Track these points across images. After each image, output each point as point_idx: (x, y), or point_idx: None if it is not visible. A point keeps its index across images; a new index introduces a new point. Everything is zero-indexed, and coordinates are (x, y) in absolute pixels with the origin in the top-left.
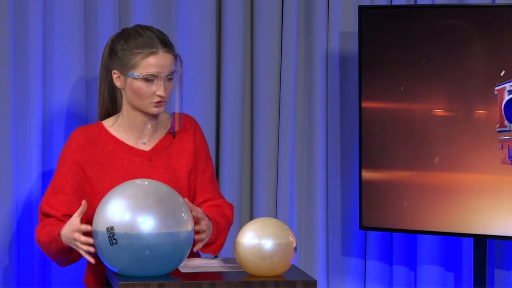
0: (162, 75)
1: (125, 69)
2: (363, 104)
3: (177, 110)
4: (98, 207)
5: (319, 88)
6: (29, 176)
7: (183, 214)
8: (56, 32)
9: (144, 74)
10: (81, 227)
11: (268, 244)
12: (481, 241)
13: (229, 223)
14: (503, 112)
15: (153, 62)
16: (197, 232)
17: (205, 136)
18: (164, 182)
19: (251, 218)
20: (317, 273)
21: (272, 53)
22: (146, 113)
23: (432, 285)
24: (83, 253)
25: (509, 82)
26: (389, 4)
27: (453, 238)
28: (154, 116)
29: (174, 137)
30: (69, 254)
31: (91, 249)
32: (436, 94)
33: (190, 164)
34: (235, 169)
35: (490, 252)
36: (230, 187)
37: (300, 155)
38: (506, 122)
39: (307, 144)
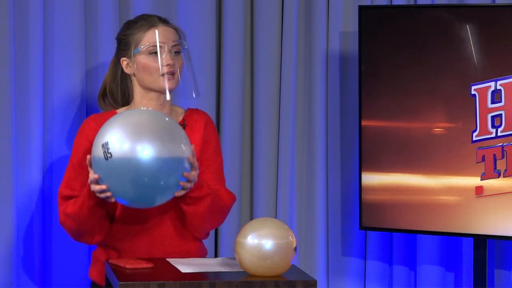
0: (166, 46)
1: (130, 50)
2: (363, 104)
3: (193, 85)
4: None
5: (319, 88)
6: (29, 176)
7: (180, 138)
8: (56, 32)
9: (148, 45)
10: (93, 177)
11: (268, 244)
12: (481, 241)
13: (223, 205)
14: None
15: (154, 33)
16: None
17: (217, 131)
18: None
19: (251, 218)
20: (317, 273)
21: (272, 53)
22: (159, 94)
23: (432, 285)
24: (102, 195)
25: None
26: (389, 4)
27: (453, 238)
28: (167, 102)
29: (184, 127)
30: (102, 208)
31: (108, 194)
32: (437, 93)
33: (197, 155)
34: (235, 169)
35: (490, 252)
36: (230, 187)
37: (300, 155)
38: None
39: (307, 144)
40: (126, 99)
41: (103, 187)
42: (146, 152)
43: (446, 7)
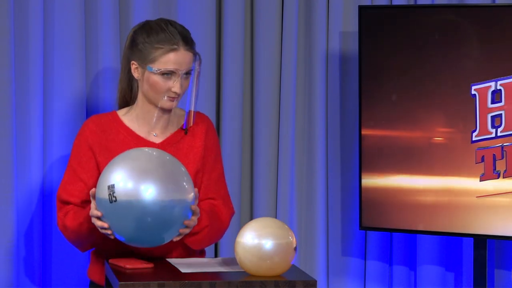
0: (180, 72)
1: (144, 62)
2: (363, 104)
3: (191, 108)
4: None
5: (319, 88)
6: (29, 176)
7: (184, 183)
8: (56, 32)
9: (162, 69)
10: (96, 213)
11: (268, 244)
12: (481, 241)
13: (221, 227)
14: None
15: (173, 58)
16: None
17: (217, 136)
18: None
19: (251, 218)
20: (317, 273)
21: (272, 53)
22: (158, 108)
23: (432, 285)
24: (103, 231)
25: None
26: (389, 4)
27: (453, 238)
28: (167, 111)
29: (186, 133)
30: (99, 233)
31: (108, 231)
32: (436, 93)
33: (198, 162)
34: (235, 169)
35: (490, 252)
36: (230, 187)
37: (300, 155)
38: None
39: (307, 144)
40: (130, 98)
41: (105, 225)
42: (150, 197)
43: (446, 7)
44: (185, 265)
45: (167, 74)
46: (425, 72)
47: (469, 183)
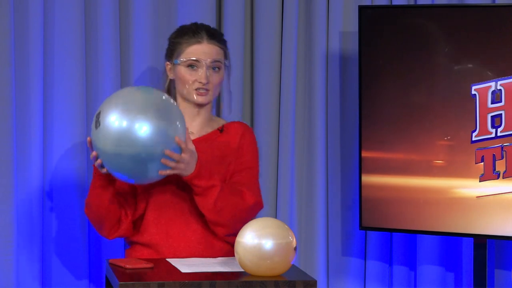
0: (204, 62)
1: (173, 58)
2: (363, 104)
3: (225, 104)
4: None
5: (319, 88)
6: (29, 176)
7: (178, 123)
8: (56, 32)
9: (186, 59)
10: (88, 139)
11: (268, 244)
12: (481, 241)
13: (239, 202)
14: None
15: (196, 49)
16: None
17: (256, 143)
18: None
19: None
20: (317, 273)
21: (272, 53)
22: (194, 105)
23: (432, 285)
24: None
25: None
26: (389, 4)
27: (453, 238)
28: (203, 110)
29: (221, 131)
30: (108, 191)
31: (99, 161)
32: (436, 93)
33: (232, 157)
34: None
35: (490, 252)
36: None
37: (300, 155)
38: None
39: (307, 144)
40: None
41: (94, 153)
42: (130, 121)
43: (446, 7)
44: (185, 265)
45: (192, 66)
46: (425, 72)
47: (469, 183)
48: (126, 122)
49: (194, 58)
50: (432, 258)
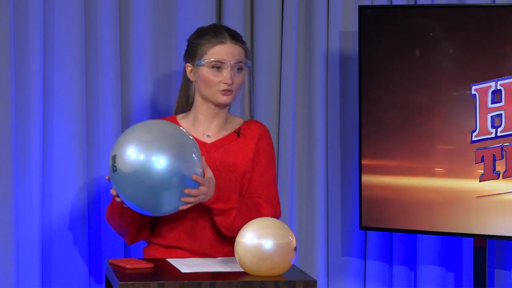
0: (229, 63)
1: (195, 59)
2: (363, 104)
3: (247, 104)
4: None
5: (319, 88)
6: (29, 176)
7: (194, 155)
8: (56, 32)
9: (211, 60)
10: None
11: (268, 244)
12: (481, 241)
13: (257, 217)
14: None
15: (220, 50)
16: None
17: (273, 145)
18: (217, 175)
19: None
20: (317, 273)
21: (272, 53)
22: (215, 105)
23: (432, 285)
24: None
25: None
26: (389, 4)
27: (453, 238)
28: (222, 111)
29: (238, 135)
30: (128, 213)
31: (118, 199)
32: (436, 93)
33: (247, 164)
34: None
35: (490, 252)
36: None
37: (300, 155)
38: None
39: (307, 144)
40: (187, 105)
41: (114, 192)
42: (147, 165)
43: (446, 7)
44: (185, 265)
45: (217, 67)
46: (425, 72)
47: (469, 183)
48: (143, 166)
49: (219, 59)
50: (432, 258)
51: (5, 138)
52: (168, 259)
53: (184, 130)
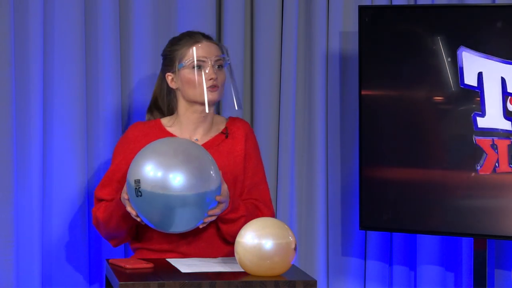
0: (209, 60)
1: (175, 65)
2: (363, 104)
3: (234, 97)
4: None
5: (319, 88)
6: (29, 176)
7: (212, 172)
8: (56, 32)
9: (192, 59)
10: (123, 195)
11: (268, 244)
12: (481, 241)
13: None
14: None
15: (198, 49)
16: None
17: (257, 140)
18: None
19: None
20: (317, 273)
21: (272, 53)
22: (203, 108)
23: (432, 285)
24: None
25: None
26: (389, 4)
27: (453, 238)
28: (209, 113)
29: (226, 137)
30: (130, 220)
31: (138, 219)
32: (437, 92)
33: (239, 165)
34: None
35: (490, 252)
36: None
37: (300, 155)
38: None
39: (307, 144)
40: (171, 110)
41: (133, 212)
42: (175, 192)
43: (446, 7)
44: (185, 265)
45: (199, 66)
46: (425, 72)
47: (469, 183)
48: (171, 192)
49: (199, 58)
50: (432, 258)
51: (5, 138)
52: (168, 259)
53: (201, 147)
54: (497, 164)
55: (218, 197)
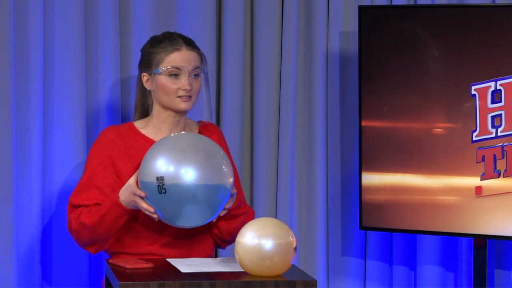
0: (186, 69)
1: (151, 68)
2: (363, 104)
3: (206, 108)
4: (144, 159)
5: (319, 88)
6: (29, 176)
7: (224, 167)
8: (56, 32)
9: (168, 67)
10: (138, 192)
11: (268, 244)
12: (481, 241)
13: (247, 221)
14: None
15: (177, 57)
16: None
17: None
18: None
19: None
20: (317, 273)
21: (272, 53)
22: (175, 112)
23: (432, 285)
24: (147, 213)
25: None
26: (389, 4)
27: (453, 238)
28: (182, 117)
29: None
30: (122, 222)
31: (154, 216)
32: (436, 93)
33: None
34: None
35: (490, 252)
36: None
37: (300, 155)
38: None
39: (307, 144)
40: (145, 111)
41: (151, 209)
42: (198, 189)
43: (446, 7)
44: (185, 265)
45: (175, 74)
46: (425, 72)
47: (469, 183)
48: (197, 188)
49: (176, 66)
50: (432, 258)
51: (5, 138)
52: (168, 259)
53: (213, 142)
54: (497, 165)
55: (233, 190)
